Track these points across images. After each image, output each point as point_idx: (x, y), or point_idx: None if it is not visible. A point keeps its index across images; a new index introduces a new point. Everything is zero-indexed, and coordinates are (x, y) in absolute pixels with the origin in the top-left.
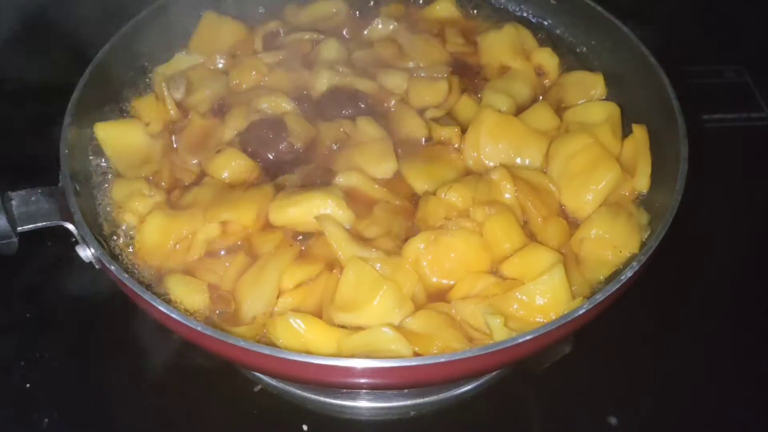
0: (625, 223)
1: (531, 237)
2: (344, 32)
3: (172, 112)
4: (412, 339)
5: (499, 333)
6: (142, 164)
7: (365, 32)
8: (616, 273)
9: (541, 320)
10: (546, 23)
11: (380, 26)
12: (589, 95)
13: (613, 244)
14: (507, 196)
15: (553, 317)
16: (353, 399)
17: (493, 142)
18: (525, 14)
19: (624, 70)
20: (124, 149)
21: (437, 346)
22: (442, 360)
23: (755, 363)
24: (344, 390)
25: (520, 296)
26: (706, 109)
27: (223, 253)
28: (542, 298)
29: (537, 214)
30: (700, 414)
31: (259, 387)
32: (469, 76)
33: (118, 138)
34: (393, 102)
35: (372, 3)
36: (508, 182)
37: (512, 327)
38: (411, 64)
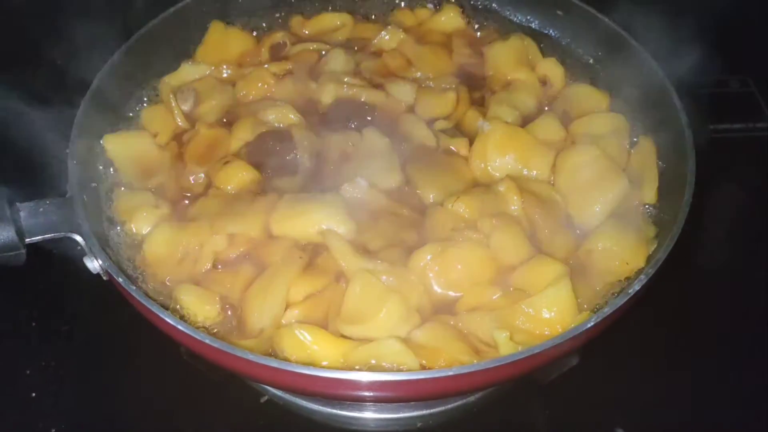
0: (633, 236)
1: (538, 248)
2: (351, 43)
3: (180, 122)
4: (419, 352)
5: (506, 347)
6: (151, 175)
7: (374, 41)
8: (623, 285)
9: (548, 333)
10: (552, 34)
11: (387, 37)
12: (595, 108)
13: (620, 257)
14: (513, 207)
15: (560, 330)
16: (360, 410)
17: (501, 154)
18: (531, 25)
19: (630, 80)
20: (133, 160)
21: (444, 359)
22: (450, 374)
23: (764, 375)
24: (351, 402)
25: (526, 309)
26: (712, 119)
27: (230, 263)
28: (548, 311)
29: (544, 225)
30: (707, 426)
31: (266, 398)
32: (475, 86)
33: (127, 149)
34: (401, 113)
35: (374, 17)
36: (514, 194)
37: (518, 340)
38: (419, 74)
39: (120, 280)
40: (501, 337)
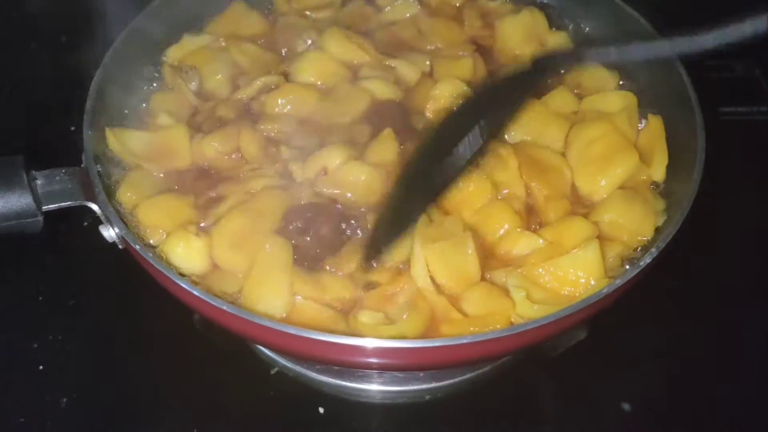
0: (641, 208)
1: (533, 214)
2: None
3: (193, 102)
4: (473, 321)
5: (522, 306)
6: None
7: (386, 9)
8: (631, 257)
9: (572, 291)
10: (564, 12)
11: (401, 3)
12: (604, 87)
13: (628, 228)
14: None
15: (584, 288)
16: (369, 382)
17: (518, 125)
18: (544, 1)
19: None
20: (135, 155)
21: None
22: (465, 342)
23: None
24: (360, 372)
25: (553, 269)
26: (716, 102)
27: None
28: (575, 272)
29: (538, 193)
30: (713, 401)
31: (276, 369)
32: (487, 58)
33: (130, 144)
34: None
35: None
36: (512, 159)
37: (540, 299)
38: (431, 47)
39: (137, 247)
40: (518, 297)
